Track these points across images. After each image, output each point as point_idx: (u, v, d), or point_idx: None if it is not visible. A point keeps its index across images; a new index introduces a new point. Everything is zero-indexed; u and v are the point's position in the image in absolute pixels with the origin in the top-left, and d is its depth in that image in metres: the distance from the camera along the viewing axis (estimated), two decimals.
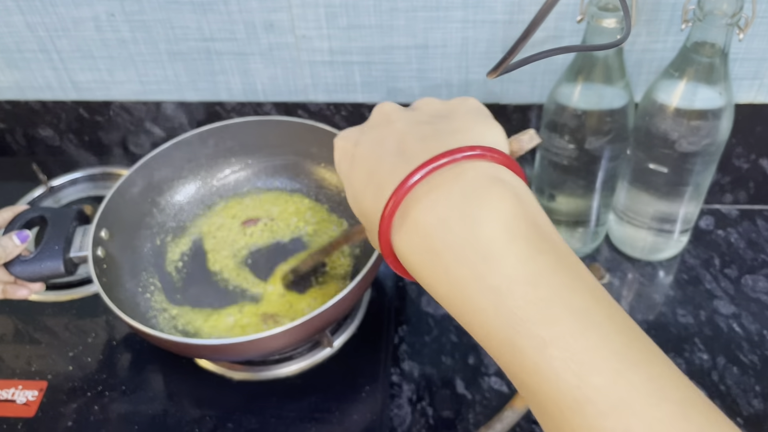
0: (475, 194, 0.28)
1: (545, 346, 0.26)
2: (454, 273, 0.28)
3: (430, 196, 0.28)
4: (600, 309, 0.26)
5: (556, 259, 0.27)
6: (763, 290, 0.70)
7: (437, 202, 0.28)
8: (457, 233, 0.27)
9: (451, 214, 0.28)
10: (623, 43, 0.52)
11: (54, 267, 0.59)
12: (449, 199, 0.28)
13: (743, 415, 0.60)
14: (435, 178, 0.29)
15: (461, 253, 0.27)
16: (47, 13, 0.71)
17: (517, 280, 0.26)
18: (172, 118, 0.79)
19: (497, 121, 0.34)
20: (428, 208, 0.28)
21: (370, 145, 0.32)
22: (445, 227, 0.28)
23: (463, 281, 0.27)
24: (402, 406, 0.61)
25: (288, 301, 0.64)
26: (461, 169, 0.29)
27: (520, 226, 0.27)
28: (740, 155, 0.74)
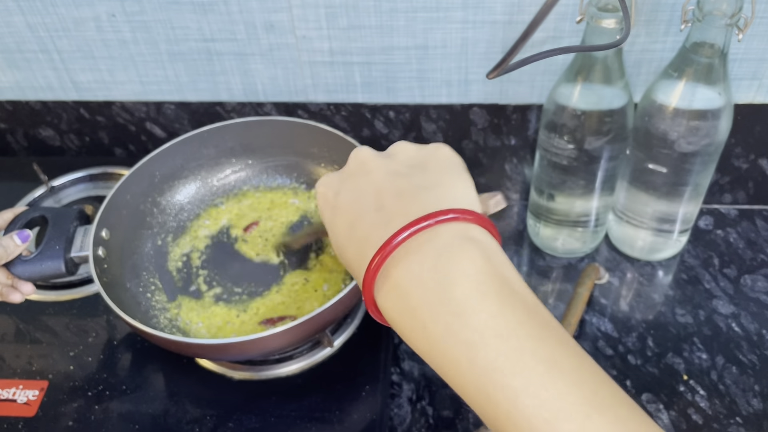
0: (447, 255, 0.30)
1: (517, 395, 0.27)
2: (431, 329, 0.29)
3: (407, 258, 0.30)
4: (568, 357, 0.28)
5: (525, 312, 0.29)
6: (762, 290, 0.70)
7: (414, 264, 0.30)
8: (432, 293, 0.29)
9: (426, 275, 0.30)
10: (622, 44, 0.53)
11: (55, 267, 0.59)
12: (424, 261, 0.30)
13: (742, 414, 0.60)
14: (411, 242, 0.31)
15: (437, 311, 0.29)
16: (48, 13, 0.71)
17: (488, 334, 0.28)
18: (172, 119, 0.79)
19: (468, 174, 0.36)
20: (406, 270, 0.30)
21: (350, 197, 0.35)
22: (421, 288, 0.30)
23: (439, 336, 0.29)
24: (402, 405, 0.61)
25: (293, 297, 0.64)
26: (435, 233, 0.31)
27: (490, 283, 0.29)
28: (739, 155, 0.74)
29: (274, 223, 0.71)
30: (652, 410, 0.60)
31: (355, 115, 0.77)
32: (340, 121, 0.78)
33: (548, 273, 0.73)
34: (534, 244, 0.76)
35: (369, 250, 0.32)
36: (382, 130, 0.78)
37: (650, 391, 0.62)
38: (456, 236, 0.31)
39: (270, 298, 0.64)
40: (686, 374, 0.63)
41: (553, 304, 0.70)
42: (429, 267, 0.30)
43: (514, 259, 0.75)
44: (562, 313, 0.68)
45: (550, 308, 0.69)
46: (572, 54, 0.60)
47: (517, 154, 0.77)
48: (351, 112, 0.76)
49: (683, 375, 0.63)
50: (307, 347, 0.63)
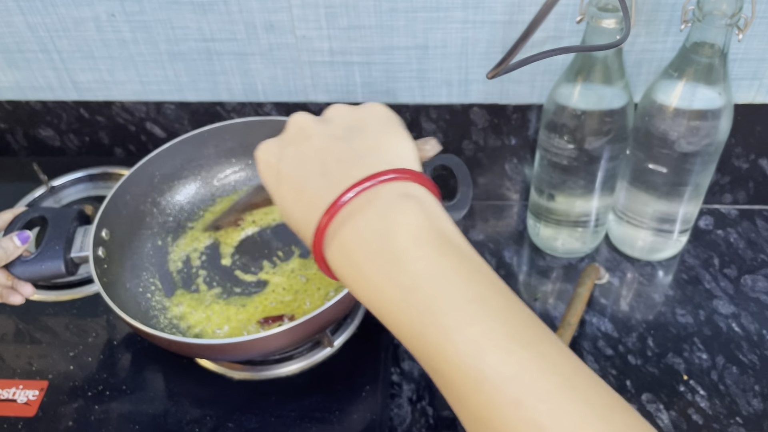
0: (388, 212, 0.33)
1: (447, 333, 0.30)
2: (372, 278, 0.32)
3: (352, 218, 0.33)
4: (496, 298, 0.31)
5: (459, 259, 0.32)
6: (762, 290, 0.70)
7: (358, 222, 0.33)
8: (374, 246, 0.32)
9: (369, 231, 0.32)
10: (623, 44, 0.53)
11: (55, 267, 0.59)
12: (368, 219, 0.33)
13: (742, 414, 0.60)
14: (356, 202, 0.33)
15: (378, 261, 0.32)
16: (48, 13, 0.71)
17: (422, 279, 0.31)
18: (172, 119, 0.79)
19: (404, 130, 0.38)
20: (351, 229, 0.33)
21: (293, 163, 0.37)
22: (365, 243, 0.32)
23: (379, 284, 0.32)
24: (402, 405, 0.61)
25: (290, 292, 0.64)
26: (377, 193, 0.33)
27: (426, 234, 0.32)
28: (739, 155, 0.74)
29: (273, 223, 0.71)
30: (652, 410, 0.60)
31: None
32: None
33: (548, 273, 0.73)
34: (534, 244, 0.76)
35: (316, 213, 0.34)
36: None
37: (650, 391, 0.62)
38: (396, 194, 0.33)
39: (269, 298, 0.64)
40: (686, 374, 0.63)
41: (553, 304, 0.70)
42: (372, 224, 0.32)
43: (515, 259, 0.75)
44: (562, 313, 0.68)
45: (550, 308, 0.69)
46: (572, 54, 0.60)
47: (518, 154, 0.77)
48: None
49: (683, 375, 0.63)
50: (307, 347, 0.63)
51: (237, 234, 0.71)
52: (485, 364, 0.29)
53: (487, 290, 0.31)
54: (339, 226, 0.34)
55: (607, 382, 0.64)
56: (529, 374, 0.28)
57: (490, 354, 0.29)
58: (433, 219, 0.33)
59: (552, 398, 0.28)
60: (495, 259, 0.75)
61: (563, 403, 0.28)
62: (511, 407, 0.28)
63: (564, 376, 0.29)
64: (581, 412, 0.28)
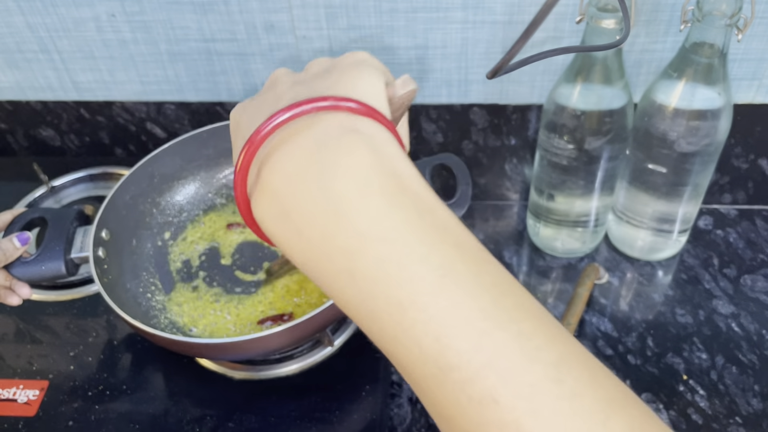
0: (324, 148, 0.25)
1: (404, 310, 0.23)
2: (306, 235, 0.25)
3: (277, 152, 0.26)
4: (466, 263, 0.24)
5: (417, 212, 0.25)
6: (761, 290, 0.70)
7: (284, 158, 0.26)
8: (306, 192, 0.25)
9: (299, 171, 0.25)
10: (622, 44, 0.53)
11: (55, 268, 0.59)
12: (295, 154, 0.26)
13: (742, 414, 0.60)
14: (284, 130, 0.26)
15: (311, 212, 0.25)
16: (48, 13, 0.71)
17: (369, 238, 0.24)
18: (172, 119, 0.80)
19: (383, 70, 0.31)
20: (275, 166, 0.26)
21: (250, 112, 0.30)
22: (292, 186, 0.25)
23: (316, 244, 0.25)
24: (402, 405, 0.62)
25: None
26: (311, 121, 0.26)
27: (375, 179, 0.25)
28: (739, 155, 0.74)
29: None
30: (652, 410, 0.60)
31: None
32: None
33: (548, 273, 0.73)
34: (534, 244, 0.76)
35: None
36: None
37: (650, 391, 0.62)
38: (335, 126, 0.26)
39: (269, 297, 0.64)
40: (686, 374, 0.63)
41: (553, 304, 0.70)
42: (303, 161, 0.25)
43: (514, 259, 0.75)
44: (561, 312, 0.68)
45: (550, 308, 0.69)
46: (572, 54, 0.60)
47: (517, 154, 0.78)
48: None
49: (683, 375, 0.63)
50: (308, 347, 0.63)
51: (238, 235, 0.71)
52: (452, 350, 0.23)
53: (454, 253, 0.24)
54: (263, 164, 0.26)
55: None
56: (507, 363, 0.22)
57: (458, 336, 0.23)
58: (385, 160, 0.26)
59: (536, 394, 0.22)
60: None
61: (550, 400, 0.22)
62: (483, 405, 0.22)
63: (551, 364, 0.23)
64: (572, 411, 0.22)
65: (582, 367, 0.23)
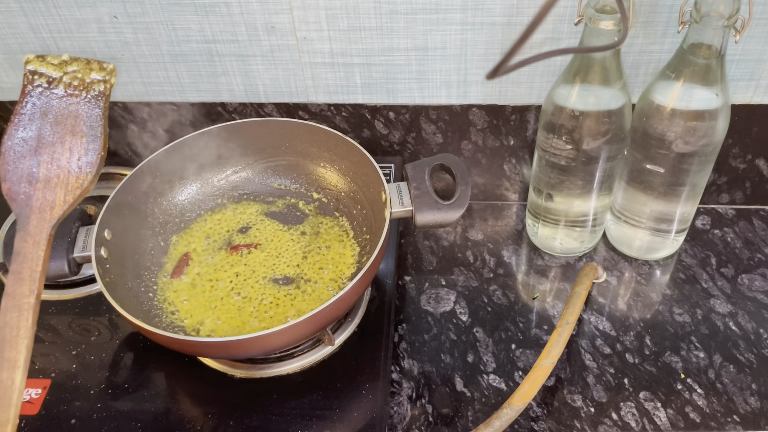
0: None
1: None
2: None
3: None
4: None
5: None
6: (759, 289, 0.70)
7: None
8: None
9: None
10: (620, 45, 0.53)
11: (58, 267, 0.59)
12: None
13: (740, 413, 0.60)
14: None
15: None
16: (50, 14, 0.72)
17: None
18: (174, 119, 0.80)
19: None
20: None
21: None
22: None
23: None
24: (402, 403, 0.62)
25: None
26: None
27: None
28: (737, 155, 0.75)
29: (271, 225, 0.71)
30: (650, 408, 0.61)
31: (356, 116, 0.77)
32: (340, 122, 0.78)
33: (547, 272, 0.74)
34: (533, 244, 0.76)
35: None
36: (382, 130, 0.78)
37: (648, 390, 0.62)
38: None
39: (270, 294, 0.65)
40: (684, 373, 0.63)
41: (552, 303, 0.70)
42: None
43: (513, 259, 0.75)
44: (560, 312, 0.69)
45: (549, 307, 0.70)
46: (570, 55, 0.61)
47: (516, 155, 0.78)
48: (351, 112, 0.77)
49: (681, 373, 0.63)
50: (308, 345, 0.64)
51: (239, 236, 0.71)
52: None
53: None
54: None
55: (604, 380, 0.65)
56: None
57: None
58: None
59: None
60: (494, 259, 0.75)
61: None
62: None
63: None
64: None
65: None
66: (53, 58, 0.50)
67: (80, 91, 0.50)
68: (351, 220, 0.71)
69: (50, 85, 0.49)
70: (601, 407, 0.61)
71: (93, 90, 0.50)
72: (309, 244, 0.70)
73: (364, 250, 0.68)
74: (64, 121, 0.49)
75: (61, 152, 0.49)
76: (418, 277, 0.74)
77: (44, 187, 0.48)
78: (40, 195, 0.48)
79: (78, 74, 0.50)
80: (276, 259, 0.68)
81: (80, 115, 0.49)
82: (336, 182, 0.73)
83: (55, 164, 0.48)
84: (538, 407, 0.61)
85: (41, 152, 0.48)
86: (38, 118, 0.49)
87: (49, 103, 0.49)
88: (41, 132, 0.49)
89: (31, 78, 0.49)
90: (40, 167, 0.48)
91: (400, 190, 0.63)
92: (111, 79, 0.50)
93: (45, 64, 0.50)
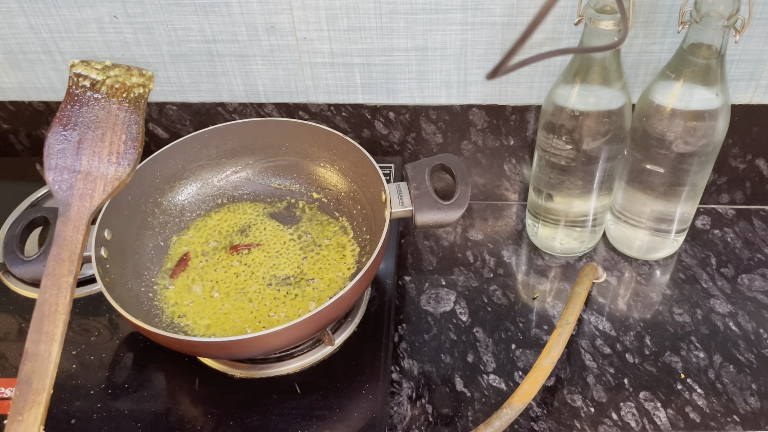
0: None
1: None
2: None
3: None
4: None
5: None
6: (759, 289, 0.70)
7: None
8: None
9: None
10: (620, 45, 0.53)
11: None
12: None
13: (740, 413, 0.60)
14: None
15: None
16: (50, 15, 0.72)
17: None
18: (174, 119, 0.80)
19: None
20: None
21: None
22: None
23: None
24: (402, 403, 0.62)
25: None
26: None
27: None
28: (737, 156, 0.75)
29: (270, 226, 0.71)
30: (650, 408, 0.61)
31: (356, 116, 0.77)
32: (340, 122, 0.78)
33: (547, 272, 0.74)
34: (533, 244, 0.76)
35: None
36: (382, 130, 0.78)
37: (648, 390, 0.62)
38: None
39: (270, 294, 0.65)
40: (684, 373, 0.63)
41: (552, 303, 0.70)
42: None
43: (513, 259, 0.75)
44: (560, 312, 0.69)
45: (549, 307, 0.70)
46: (570, 55, 0.61)
47: (516, 155, 0.78)
48: (351, 113, 0.77)
49: (681, 373, 0.63)
50: (308, 345, 0.64)
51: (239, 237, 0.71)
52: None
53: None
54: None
55: (604, 380, 0.65)
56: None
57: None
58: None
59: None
60: (494, 259, 0.75)
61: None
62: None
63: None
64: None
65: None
66: (96, 63, 0.54)
67: (121, 94, 0.54)
68: (351, 220, 0.71)
69: (93, 87, 0.53)
70: (601, 407, 0.61)
71: (133, 93, 0.54)
72: (309, 244, 0.70)
73: (364, 250, 0.68)
74: (105, 119, 0.53)
75: (102, 148, 0.52)
76: (418, 277, 0.74)
77: (85, 179, 0.52)
78: (81, 185, 0.51)
79: (119, 78, 0.54)
80: (276, 259, 0.68)
81: (120, 115, 0.53)
82: (336, 182, 0.73)
83: (96, 158, 0.52)
84: (538, 407, 0.61)
85: (83, 147, 0.52)
86: (81, 116, 0.53)
87: (92, 104, 0.53)
88: (84, 129, 0.53)
89: (76, 80, 0.53)
90: (81, 160, 0.52)
91: (400, 190, 0.63)
92: (149, 84, 0.54)
93: (89, 68, 0.54)
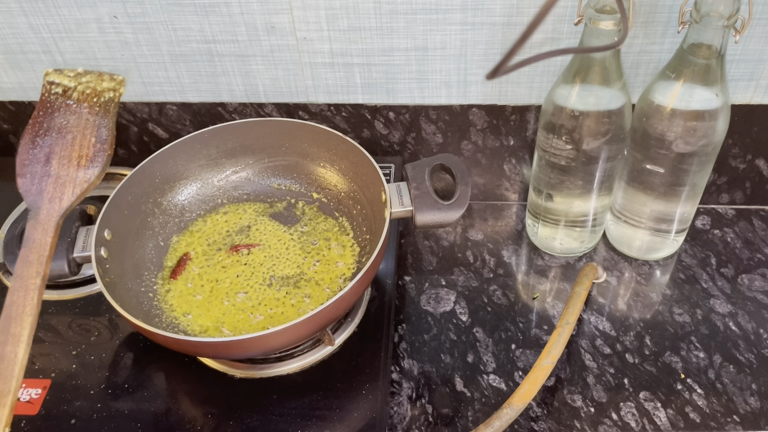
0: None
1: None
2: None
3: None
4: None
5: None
6: (759, 289, 0.70)
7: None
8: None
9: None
10: (620, 45, 0.53)
11: (58, 267, 0.59)
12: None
13: (740, 413, 0.60)
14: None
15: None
16: (50, 15, 0.72)
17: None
18: (174, 119, 0.80)
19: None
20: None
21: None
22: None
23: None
24: (402, 403, 0.62)
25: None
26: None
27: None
28: (737, 156, 0.75)
29: (269, 226, 0.71)
30: (650, 408, 0.61)
31: (356, 116, 0.77)
32: (340, 122, 0.78)
33: (547, 272, 0.74)
34: (533, 244, 0.76)
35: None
36: (382, 130, 0.78)
37: (648, 390, 0.62)
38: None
39: (271, 294, 0.65)
40: (684, 373, 0.63)
41: (552, 303, 0.70)
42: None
43: (513, 259, 0.75)
44: (560, 312, 0.69)
45: (549, 307, 0.70)
46: (570, 55, 0.61)
47: (516, 155, 0.78)
48: (351, 113, 0.77)
49: (681, 373, 0.63)
50: (308, 345, 0.64)
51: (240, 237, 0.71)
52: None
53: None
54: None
55: (604, 380, 0.65)
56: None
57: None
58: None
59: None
60: (494, 259, 0.75)
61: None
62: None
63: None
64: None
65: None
66: (69, 71, 0.55)
67: (92, 98, 0.55)
68: (351, 220, 0.71)
69: (65, 93, 0.55)
70: (601, 407, 0.61)
71: (103, 97, 0.55)
72: (309, 244, 0.70)
73: (364, 250, 0.68)
74: (76, 124, 0.54)
75: (72, 152, 0.54)
76: (418, 277, 0.74)
77: (54, 182, 0.53)
78: (51, 189, 0.53)
79: (91, 84, 0.55)
80: (276, 259, 0.68)
81: (90, 119, 0.54)
82: (336, 182, 0.73)
83: (65, 162, 0.53)
84: (538, 407, 0.61)
85: (54, 152, 0.54)
86: (53, 122, 0.54)
87: (63, 109, 0.54)
88: (55, 134, 0.54)
89: (49, 88, 0.55)
90: (51, 165, 0.53)
91: (400, 190, 0.63)
92: (120, 88, 0.55)
93: (62, 76, 0.55)
